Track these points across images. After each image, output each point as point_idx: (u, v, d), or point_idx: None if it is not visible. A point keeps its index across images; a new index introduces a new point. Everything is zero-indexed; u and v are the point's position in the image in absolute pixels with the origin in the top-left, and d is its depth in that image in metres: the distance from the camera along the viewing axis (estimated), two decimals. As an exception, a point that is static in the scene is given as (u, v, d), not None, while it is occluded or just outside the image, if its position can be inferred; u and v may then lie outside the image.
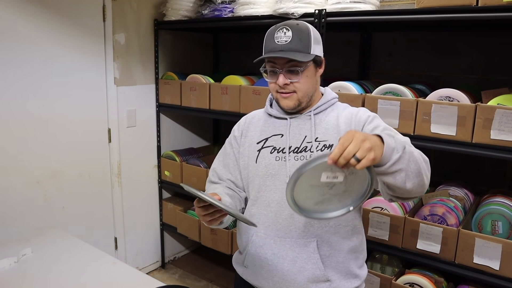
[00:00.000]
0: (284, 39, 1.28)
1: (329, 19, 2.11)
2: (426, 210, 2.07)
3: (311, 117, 1.37)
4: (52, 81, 2.48)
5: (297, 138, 1.36)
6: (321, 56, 1.36)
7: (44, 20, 2.40)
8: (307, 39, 1.29)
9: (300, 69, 1.29)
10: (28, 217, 2.45)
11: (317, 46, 1.33)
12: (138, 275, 1.66)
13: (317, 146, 1.33)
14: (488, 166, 2.39)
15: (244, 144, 1.46)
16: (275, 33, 1.30)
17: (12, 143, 2.35)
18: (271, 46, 1.31)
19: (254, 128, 1.47)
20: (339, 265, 1.35)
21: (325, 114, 1.38)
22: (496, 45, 2.29)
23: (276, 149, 1.38)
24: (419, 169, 1.11)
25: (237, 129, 1.53)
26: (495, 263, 1.85)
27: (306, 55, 1.28)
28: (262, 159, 1.39)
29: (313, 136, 1.34)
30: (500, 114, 1.72)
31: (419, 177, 1.12)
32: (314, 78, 1.35)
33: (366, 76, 2.72)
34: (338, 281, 1.35)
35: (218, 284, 3.13)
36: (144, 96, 3.04)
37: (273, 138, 1.40)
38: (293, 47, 1.27)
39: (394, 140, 1.07)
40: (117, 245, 3.02)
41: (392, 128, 1.29)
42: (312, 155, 1.31)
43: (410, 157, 1.08)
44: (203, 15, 2.71)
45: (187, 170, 2.99)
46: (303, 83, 1.31)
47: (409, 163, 1.08)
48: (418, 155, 1.14)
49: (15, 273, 1.60)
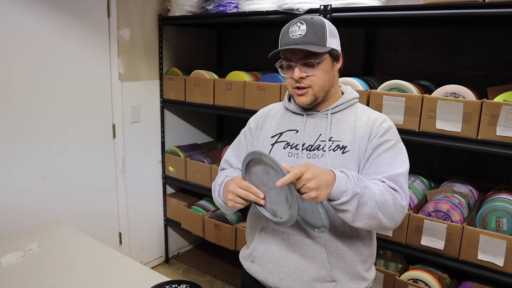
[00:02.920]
0: (299, 33, 1.26)
1: (334, 14, 2.10)
2: (430, 207, 2.07)
3: (328, 115, 1.35)
4: (57, 77, 2.49)
5: (312, 135, 1.35)
6: (338, 50, 1.34)
7: (48, 15, 2.41)
8: (322, 32, 1.27)
9: (315, 61, 1.27)
10: (33, 212, 2.46)
11: (334, 40, 1.31)
12: (142, 269, 1.67)
13: (330, 146, 1.32)
14: (493, 163, 2.39)
15: (258, 136, 1.46)
16: (290, 28, 1.29)
17: (16, 138, 2.36)
18: (286, 41, 1.29)
19: (270, 121, 1.46)
20: (346, 266, 1.34)
21: (343, 114, 1.36)
22: (502, 41, 2.27)
23: (289, 145, 1.37)
24: (374, 214, 1.17)
25: (253, 121, 1.52)
26: (499, 260, 1.85)
27: (321, 47, 1.26)
28: (274, 154, 1.38)
29: (328, 135, 1.33)
30: (506, 111, 1.72)
31: (375, 220, 1.19)
32: (331, 73, 1.33)
33: (371, 72, 2.71)
34: (345, 282, 1.34)
35: (222, 279, 3.14)
36: (149, 91, 3.04)
37: (287, 133, 1.39)
38: (307, 40, 1.25)
39: (351, 183, 1.14)
40: (122, 240, 3.04)
41: (400, 147, 1.31)
42: (324, 155, 1.31)
43: (364, 202, 1.15)
44: (208, 10, 2.71)
45: (191, 166, 3.00)
46: (319, 76, 1.29)
47: (359, 207, 1.15)
48: (381, 199, 1.17)
49: (21, 268, 1.61)
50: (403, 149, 1.31)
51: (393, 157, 1.27)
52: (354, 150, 1.30)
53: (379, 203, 1.17)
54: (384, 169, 1.26)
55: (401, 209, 1.23)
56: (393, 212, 1.21)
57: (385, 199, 1.19)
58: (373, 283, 2.18)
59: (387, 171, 1.25)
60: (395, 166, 1.26)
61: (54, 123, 2.52)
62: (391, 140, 1.29)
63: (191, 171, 3.01)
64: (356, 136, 1.31)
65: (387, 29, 2.66)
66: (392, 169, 1.25)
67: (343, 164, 1.28)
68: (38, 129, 2.45)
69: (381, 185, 1.21)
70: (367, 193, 1.16)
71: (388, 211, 1.19)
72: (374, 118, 1.34)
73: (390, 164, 1.26)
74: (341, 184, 1.13)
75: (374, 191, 1.17)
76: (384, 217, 1.19)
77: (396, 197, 1.21)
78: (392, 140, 1.29)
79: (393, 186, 1.23)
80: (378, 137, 1.29)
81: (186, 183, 3.07)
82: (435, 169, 2.58)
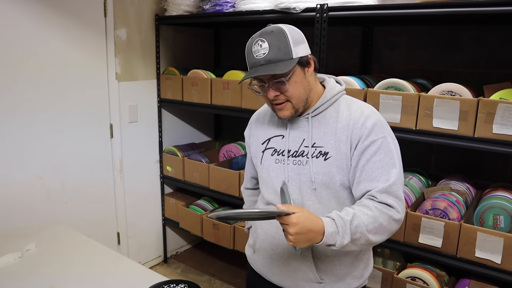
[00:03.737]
0: (262, 52, 1.22)
1: (331, 13, 2.10)
2: (428, 205, 2.07)
3: (308, 119, 1.33)
4: (54, 77, 2.49)
5: (296, 141, 1.34)
6: (306, 55, 1.27)
7: (45, 15, 2.40)
8: (285, 45, 1.22)
9: (285, 79, 1.23)
10: (31, 213, 2.46)
11: (299, 47, 1.25)
12: (141, 269, 1.67)
13: (313, 153, 1.30)
14: (490, 161, 2.39)
15: (253, 143, 1.50)
16: (252, 47, 1.25)
17: (14, 139, 2.36)
18: (251, 61, 1.26)
19: (260, 126, 1.48)
20: (334, 270, 1.35)
21: (324, 115, 1.33)
22: (498, 39, 2.28)
23: (276, 152, 1.38)
24: (367, 242, 1.21)
25: (247, 131, 1.56)
26: (496, 257, 1.85)
27: (288, 62, 1.22)
28: (265, 161, 1.41)
29: (311, 141, 1.31)
30: (502, 109, 1.72)
31: (369, 245, 1.27)
32: (305, 80, 1.28)
33: (368, 70, 2.71)
34: (333, 283, 1.36)
35: (220, 278, 3.14)
36: (146, 91, 3.04)
37: (274, 140, 1.40)
38: (272, 58, 1.21)
39: (340, 236, 1.15)
40: (120, 240, 3.04)
41: (388, 142, 1.26)
42: (308, 161, 1.30)
43: (356, 239, 1.17)
44: (204, 10, 2.70)
45: (189, 165, 3.00)
46: (293, 89, 1.26)
47: (351, 246, 1.18)
48: (374, 227, 1.19)
49: (19, 268, 1.61)
50: (391, 144, 1.26)
51: (383, 159, 1.24)
52: (336, 156, 1.28)
53: (372, 232, 1.19)
54: (376, 174, 1.24)
55: (397, 222, 1.24)
56: (388, 230, 1.23)
57: (379, 224, 1.20)
58: (372, 282, 2.19)
59: (380, 176, 1.23)
60: (387, 168, 1.24)
61: (51, 123, 2.51)
62: (377, 140, 1.25)
63: (189, 171, 3.01)
64: (337, 141, 1.28)
65: (383, 28, 2.66)
66: (384, 174, 1.23)
67: (326, 171, 1.28)
68: (35, 129, 2.44)
69: (373, 209, 1.20)
70: (358, 231, 1.17)
71: (383, 231, 1.22)
72: (356, 117, 1.28)
73: (381, 167, 1.24)
74: (329, 241, 1.15)
75: (367, 224, 1.18)
76: (379, 238, 1.22)
77: (390, 216, 1.21)
78: (378, 140, 1.25)
79: (387, 201, 1.22)
80: (362, 140, 1.25)
81: (184, 182, 3.07)
82: (432, 167, 2.59)
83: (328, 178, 1.28)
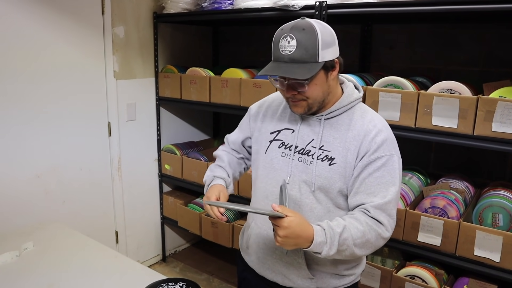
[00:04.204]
0: (288, 49, 1.19)
1: (329, 11, 2.09)
2: (427, 203, 2.07)
3: (321, 121, 1.33)
4: (51, 75, 2.47)
5: (305, 139, 1.34)
6: (334, 58, 1.25)
7: (42, 13, 2.39)
8: (313, 47, 1.19)
9: (305, 82, 1.22)
10: (29, 211, 2.45)
11: (328, 51, 1.22)
12: (140, 268, 1.66)
13: (320, 155, 1.30)
14: (489, 159, 2.39)
15: (260, 129, 1.47)
16: (280, 41, 1.21)
17: (12, 137, 2.35)
18: (275, 54, 1.24)
19: (272, 113, 1.46)
20: (325, 267, 1.37)
21: (338, 120, 1.32)
22: (497, 37, 2.28)
23: (284, 145, 1.38)
24: (351, 255, 1.23)
25: (255, 109, 1.54)
26: (495, 256, 1.85)
27: (311, 66, 1.19)
28: (270, 151, 1.40)
29: (319, 143, 1.31)
30: (501, 107, 1.72)
31: (352, 257, 1.26)
32: (326, 84, 1.26)
33: (367, 68, 2.71)
34: (325, 279, 1.38)
35: (219, 277, 3.14)
36: (144, 89, 3.03)
37: (284, 132, 1.39)
38: (297, 58, 1.19)
39: (327, 247, 1.17)
40: (118, 239, 3.03)
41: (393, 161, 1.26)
42: (313, 162, 1.30)
43: (342, 250, 1.19)
44: (203, 7, 2.69)
45: (188, 164, 2.99)
46: (311, 91, 1.25)
47: (337, 255, 1.20)
48: (361, 242, 1.21)
49: (17, 267, 1.61)
50: (395, 163, 1.27)
51: (385, 176, 1.25)
52: (341, 163, 1.28)
53: (358, 246, 1.21)
54: (374, 189, 1.24)
55: (384, 240, 1.26)
56: (374, 246, 1.25)
57: (366, 239, 1.22)
58: (371, 280, 2.19)
59: (378, 192, 1.24)
60: (386, 186, 1.24)
61: (49, 122, 2.50)
62: (383, 156, 1.25)
63: (188, 169, 3.00)
64: (345, 149, 1.28)
65: (383, 26, 2.65)
66: (382, 191, 1.24)
67: (328, 176, 1.29)
68: (33, 128, 2.43)
69: (364, 224, 1.22)
70: (345, 244, 1.19)
71: (369, 247, 1.24)
72: (368, 129, 1.28)
73: (380, 184, 1.24)
74: (316, 249, 1.17)
75: (354, 238, 1.20)
76: (363, 252, 1.25)
77: (379, 233, 1.23)
78: (384, 157, 1.25)
79: (379, 218, 1.23)
80: (369, 154, 1.25)
81: (182, 181, 3.06)
82: (431, 165, 2.59)
83: (328, 183, 1.29)
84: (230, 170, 1.56)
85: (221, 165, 1.57)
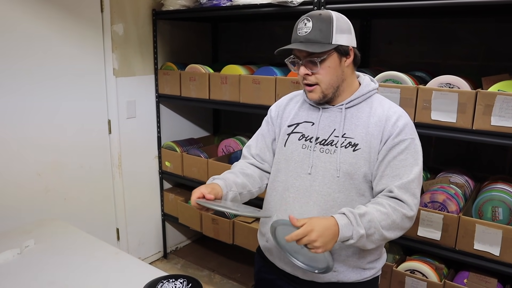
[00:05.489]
0: (304, 30, 1.28)
1: (328, 6, 2.09)
2: (426, 197, 2.07)
3: (342, 110, 1.36)
4: (51, 73, 2.47)
5: (326, 130, 1.37)
6: (348, 45, 1.31)
7: (41, 11, 2.39)
8: (327, 29, 1.26)
9: (317, 60, 1.28)
10: (30, 209, 2.46)
11: (342, 36, 1.29)
12: (141, 265, 1.67)
13: (343, 143, 1.33)
14: (489, 153, 2.39)
15: (280, 125, 1.50)
16: (298, 24, 1.31)
17: (12, 135, 2.35)
18: (293, 36, 1.32)
19: (290, 109, 1.49)
20: (347, 260, 1.37)
21: (358, 108, 1.36)
22: (496, 31, 2.27)
23: (304, 137, 1.40)
24: (382, 238, 1.25)
25: (274, 109, 1.56)
26: (495, 249, 1.86)
27: (324, 45, 1.26)
28: (290, 144, 1.43)
29: (341, 131, 1.35)
30: (500, 100, 1.72)
31: (384, 241, 1.30)
32: (339, 69, 1.32)
33: (366, 63, 2.70)
34: (346, 272, 1.38)
35: (220, 273, 3.15)
36: (144, 87, 3.03)
37: (304, 125, 1.42)
38: (311, 38, 1.26)
39: (354, 227, 1.19)
40: (119, 236, 3.04)
41: (415, 144, 1.31)
42: (336, 150, 1.33)
43: (370, 234, 1.22)
44: (202, 4, 2.69)
45: (188, 161, 3.00)
46: (324, 74, 1.30)
47: (367, 241, 1.23)
48: (387, 224, 1.24)
49: (18, 265, 1.61)
50: (417, 146, 1.32)
51: (408, 158, 1.29)
52: (365, 148, 1.32)
53: (385, 228, 1.24)
54: (399, 171, 1.28)
55: (410, 220, 1.29)
56: (401, 227, 1.28)
57: (392, 220, 1.25)
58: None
59: (402, 173, 1.28)
60: (410, 167, 1.29)
61: (49, 120, 2.50)
62: (406, 139, 1.30)
63: (188, 166, 3.00)
64: (369, 134, 1.32)
65: (381, 21, 2.65)
66: (407, 172, 1.28)
67: (353, 162, 1.32)
68: (33, 126, 2.44)
69: (387, 206, 1.25)
70: (372, 226, 1.22)
71: (396, 228, 1.27)
72: (389, 115, 1.32)
73: (405, 166, 1.29)
74: (345, 232, 1.19)
75: (380, 220, 1.23)
76: (393, 235, 1.27)
77: (403, 213, 1.26)
78: (407, 140, 1.30)
79: (403, 197, 1.26)
80: (392, 138, 1.30)
81: (183, 178, 3.07)
82: (431, 160, 2.59)
83: (354, 169, 1.32)
84: (243, 178, 1.48)
85: (233, 171, 1.50)
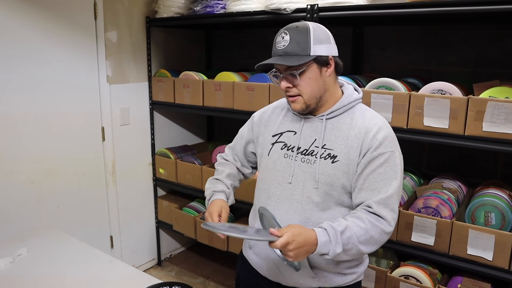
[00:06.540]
0: (282, 44, 1.29)
1: (321, 14, 2.11)
2: (420, 203, 2.08)
3: (323, 121, 1.37)
4: (45, 80, 2.47)
5: (308, 139, 1.38)
6: (328, 55, 1.31)
7: (35, 18, 2.38)
8: (305, 41, 1.27)
9: (296, 73, 1.29)
10: (23, 217, 2.44)
11: (320, 46, 1.30)
12: (135, 272, 1.66)
13: (322, 154, 1.34)
14: (481, 159, 2.41)
15: (264, 133, 1.51)
16: (276, 38, 1.32)
17: (5, 142, 2.33)
18: (273, 51, 1.34)
19: (275, 118, 1.51)
20: (327, 266, 1.38)
21: (339, 119, 1.36)
22: (487, 38, 2.30)
23: (286, 146, 1.42)
24: (357, 253, 1.27)
25: (258, 115, 1.58)
26: (488, 254, 1.87)
27: (302, 57, 1.27)
28: (273, 153, 1.44)
29: (321, 142, 1.35)
30: (491, 107, 1.74)
31: (359, 255, 1.32)
32: (320, 79, 1.32)
33: (359, 70, 2.72)
34: (327, 278, 1.40)
35: (215, 280, 3.14)
36: (137, 94, 3.03)
37: (287, 134, 1.43)
38: (289, 51, 1.28)
39: (332, 245, 1.21)
40: (113, 244, 3.02)
41: (395, 157, 1.30)
42: (316, 161, 1.34)
43: (347, 249, 1.23)
44: (195, 11, 2.70)
45: (182, 168, 2.99)
46: (305, 85, 1.31)
47: (343, 256, 1.25)
48: (365, 239, 1.25)
49: (10, 273, 1.60)
50: (397, 159, 1.31)
51: (387, 171, 1.29)
52: (343, 160, 1.32)
53: (363, 243, 1.25)
54: (378, 185, 1.29)
55: (387, 235, 1.30)
56: (378, 242, 1.29)
57: (370, 236, 1.26)
58: (366, 281, 2.20)
59: (381, 187, 1.28)
60: (389, 181, 1.29)
61: (42, 127, 2.49)
62: (385, 152, 1.29)
63: (182, 173, 3.00)
64: (348, 146, 1.32)
65: (374, 28, 2.67)
66: (385, 186, 1.28)
67: (331, 173, 1.32)
68: (26, 133, 2.42)
69: (366, 221, 1.26)
70: (350, 242, 1.23)
71: (374, 243, 1.28)
72: (369, 127, 1.32)
73: (384, 179, 1.29)
74: (322, 249, 1.21)
75: (358, 236, 1.24)
76: (369, 249, 1.28)
77: (382, 229, 1.27)
78: (386, 153, 1.29)
79: (381, 213, 1.27)
80: (371, 151, 1.29)
81: (177, 185, 3.06)
82: (424, 165, 2.61)
83: (332, 180, 1.32)
84: (229, 181, 1.59)
85: (219, 178, 1.60)
